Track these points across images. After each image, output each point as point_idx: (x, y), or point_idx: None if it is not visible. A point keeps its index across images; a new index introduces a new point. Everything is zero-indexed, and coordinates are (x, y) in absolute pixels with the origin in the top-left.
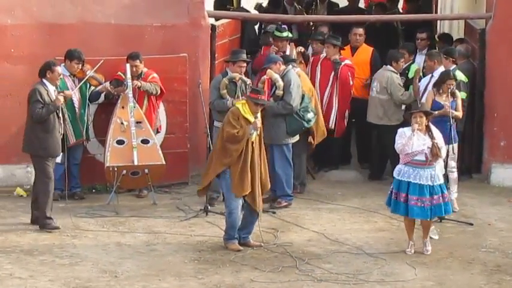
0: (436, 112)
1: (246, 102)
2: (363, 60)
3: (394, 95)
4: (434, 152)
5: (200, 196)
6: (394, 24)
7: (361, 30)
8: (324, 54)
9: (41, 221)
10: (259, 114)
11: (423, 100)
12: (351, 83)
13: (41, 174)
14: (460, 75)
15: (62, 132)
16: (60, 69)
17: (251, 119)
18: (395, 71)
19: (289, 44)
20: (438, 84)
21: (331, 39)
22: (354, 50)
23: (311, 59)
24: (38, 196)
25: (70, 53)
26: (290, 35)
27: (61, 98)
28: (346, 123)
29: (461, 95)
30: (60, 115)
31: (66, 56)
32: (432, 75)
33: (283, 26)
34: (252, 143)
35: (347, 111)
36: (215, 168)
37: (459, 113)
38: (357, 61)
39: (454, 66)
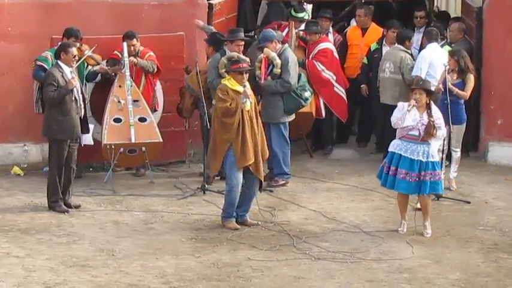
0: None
1: (230, 77)
2: (373, 41)
3: (405, 74)
4: (429, 131)
5: (209, 180)
6: (389, 2)
7: (361, 11)
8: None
9: (50, 203)
10: (247, 84)
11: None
12: (324, 71)
13: (54, 159)
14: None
15: (82, 114)
16: (75, 50)
17: (240, 89)
18: (408, 51)
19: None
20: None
21: (308, 27)
22: (364, 30)
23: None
24: (50, 180)
25: (68, 31)
26: (307, 16)
27: (73, 81)
28: (346, 105)
29: None
30: (79, 96)
31: (64, 34)
32: None
33: (302, 5)
34: (248, 112)
35: (343, 92)
36: (221, 148)
37: (463, 93)
38: (366, 42)
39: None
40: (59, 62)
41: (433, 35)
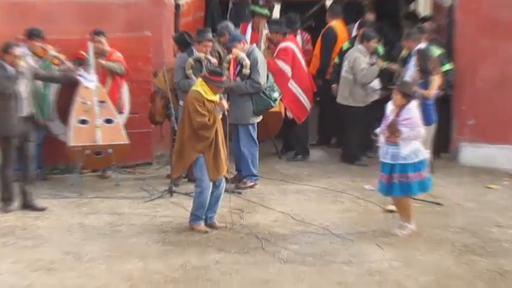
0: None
1: (204, 83)
2: (315, 38)
3: (356, 75)
4: (390, 129)
5: (176, 182)
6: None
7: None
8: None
9: None
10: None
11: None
12: (284, 67)
13: (1, 156)
14: (436, 50)
15: (26, 111)
16: (18, 50)
17: (216, 98)
18: (364, 52)
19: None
20: None
21: (269, 25)
22: None
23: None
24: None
25: (30, 32)
26: (269, 13)
27: (22, 63)
28: (305, 108)
29: (445, 67)
30: (25, 95)
31: (26, 35)
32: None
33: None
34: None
35: (301, 95)
36: (190, 156)
37: (426, 92)
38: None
39: (427, 42)
40: (2, 62)
41: (417, 34)
